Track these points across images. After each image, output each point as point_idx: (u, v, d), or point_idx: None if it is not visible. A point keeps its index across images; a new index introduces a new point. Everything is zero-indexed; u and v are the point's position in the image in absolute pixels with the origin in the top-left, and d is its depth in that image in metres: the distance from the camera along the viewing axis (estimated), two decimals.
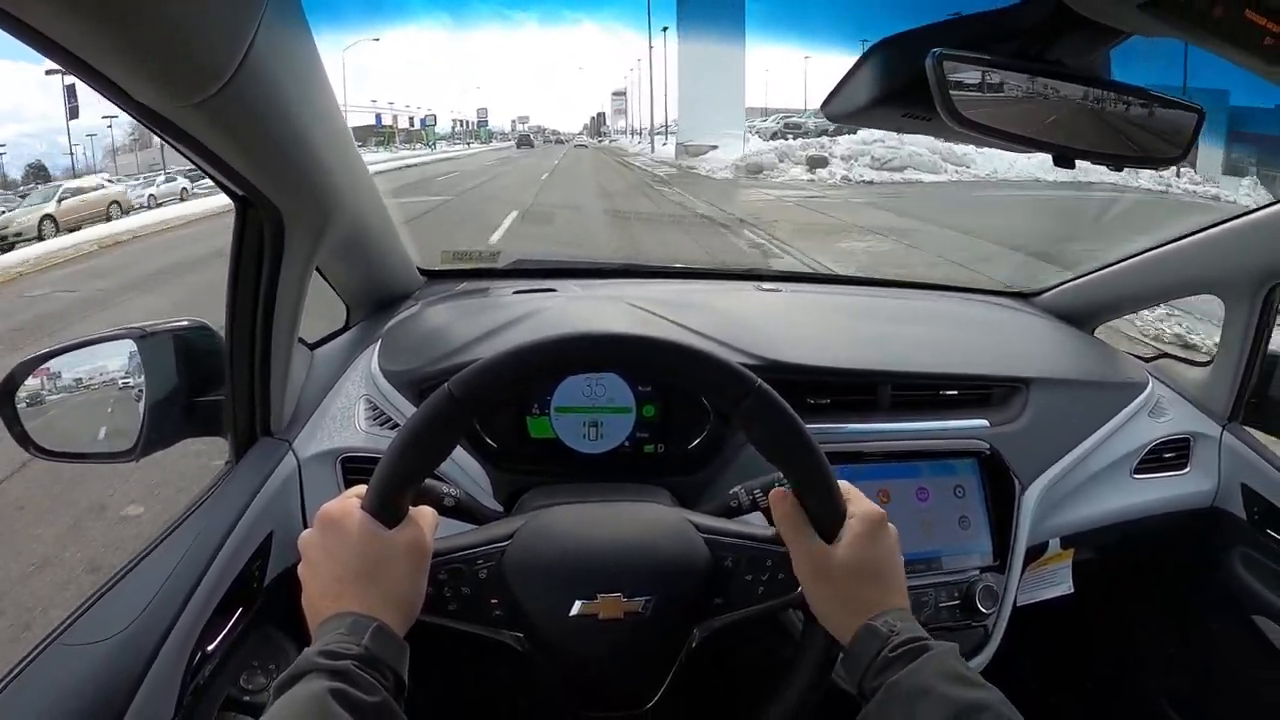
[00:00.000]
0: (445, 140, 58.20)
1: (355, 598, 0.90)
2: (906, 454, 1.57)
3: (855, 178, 23.01)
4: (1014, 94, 0.85)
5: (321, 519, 0.95)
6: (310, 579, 0.94)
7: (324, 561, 0.93)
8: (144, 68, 0.85)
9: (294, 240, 1.28)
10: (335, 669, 0.80)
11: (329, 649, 0.83)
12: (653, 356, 1.02)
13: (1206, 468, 1.84)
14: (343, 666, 0.80)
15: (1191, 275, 1.86)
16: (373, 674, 0.82)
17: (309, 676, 0.80)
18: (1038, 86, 0.86)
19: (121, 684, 1.02)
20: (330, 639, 0.84)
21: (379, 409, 1.52)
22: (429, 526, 0.99)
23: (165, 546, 1.21)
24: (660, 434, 1.55)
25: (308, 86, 1.12)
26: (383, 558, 0.93)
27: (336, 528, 0.94)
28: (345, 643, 0.84)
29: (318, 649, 0.83)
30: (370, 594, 0.90)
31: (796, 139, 27.06)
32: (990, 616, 1.48)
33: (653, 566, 1.04)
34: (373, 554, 0.92)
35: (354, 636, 0.85)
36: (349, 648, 0.83)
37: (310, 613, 0.93)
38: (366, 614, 0.88)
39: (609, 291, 2.00)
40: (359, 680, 0.80)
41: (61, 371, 1.33)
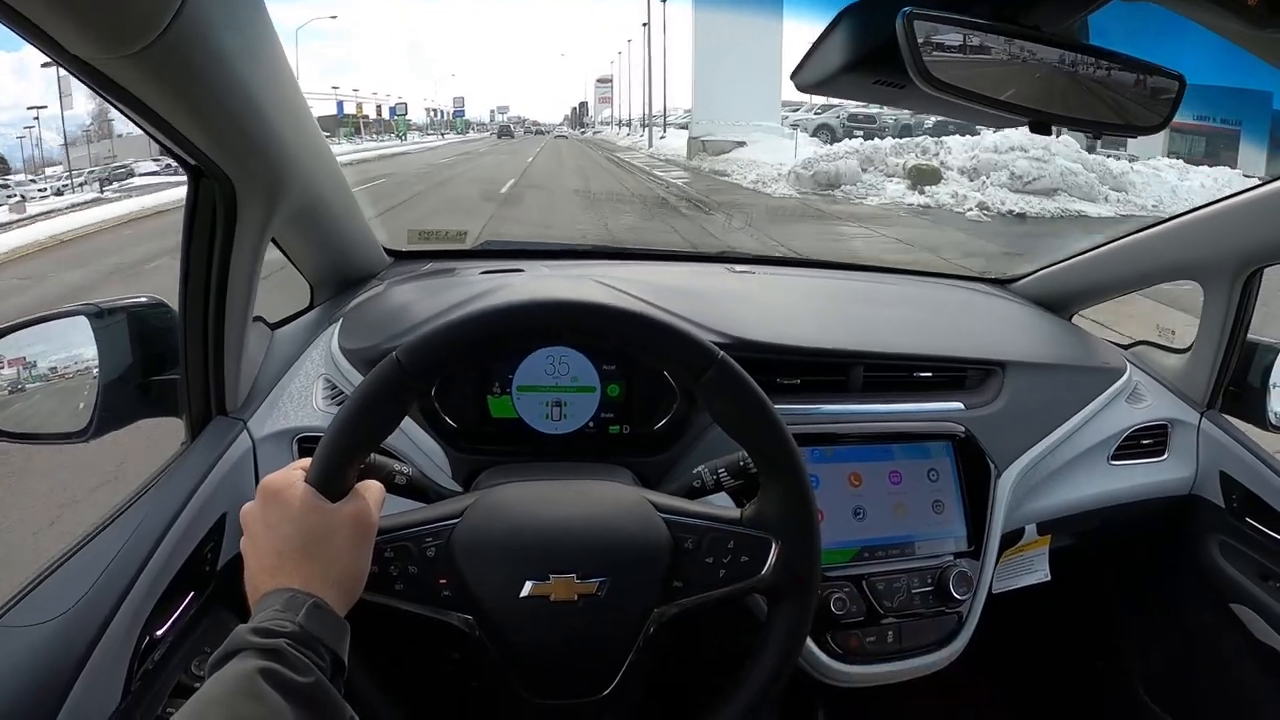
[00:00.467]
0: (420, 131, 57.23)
1: (294, 573, 0.87)
2: (879, 436, 1.54)
3: (996, 205, 15.41)
4: (988, 57, 0.83)
5: (263, 491, 0.93)
6: (251, 552, 0.92)
7: (264, 535, 0.91)
8: (73, 13, 0.81)
9: (246, 211, 1.24)
10: (267, 647, 0.77)
11: (262, 626, 0.80)
12: (610, 325, 0.99)
13: (1185, 455, 1.83)
14: (275, 645, 0.78)
15: (1170, 261, 1.85)
16: (307, 653, 0.79)
17: (240, 655, 0.77)
18: (1014, 49, 0.84)
19: (64, 667, 0.99)
20: (265, 616, 0.82)
21: (337, 387, 1.48)
22: (375, 501, 0.96)
23: (114, 528, 1.18)
24: (625, 414, 1.52)
25: (253, 44, 1.08)
26: (324, 532, 0.90)
27: (278, 500, 0.91)
28: (279, 620, 0.81)
29: (251, 626, 0.81)
30: (310, 569, 0.88)
31: (870, 137, 18.88)
32: (964, 603, 1.45)
33: (608, 547, 1.01)
34: (314, 528, 0.90)
35: (289, 613, 0.82)
36: (283, 625, 0.80)
37: (250, 588, 0.91)
38: (304, 590, 0.85)
39: (578, 271, 1.97)
40: (291, 659, 0.77)
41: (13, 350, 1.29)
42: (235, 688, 0.74)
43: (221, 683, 0.75)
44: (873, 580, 1.43)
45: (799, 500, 1.02)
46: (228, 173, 1.18)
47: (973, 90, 0.83)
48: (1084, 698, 2.16)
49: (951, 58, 0.81)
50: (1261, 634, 1.71)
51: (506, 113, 77.01)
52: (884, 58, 0.84)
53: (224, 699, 0.73)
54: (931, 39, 0.80)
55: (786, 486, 1.02)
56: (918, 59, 0.80)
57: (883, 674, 1.42)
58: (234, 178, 1.20)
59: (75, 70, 0.90)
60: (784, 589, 1.02)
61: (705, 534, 1.03)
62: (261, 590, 0.87)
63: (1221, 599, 1.79)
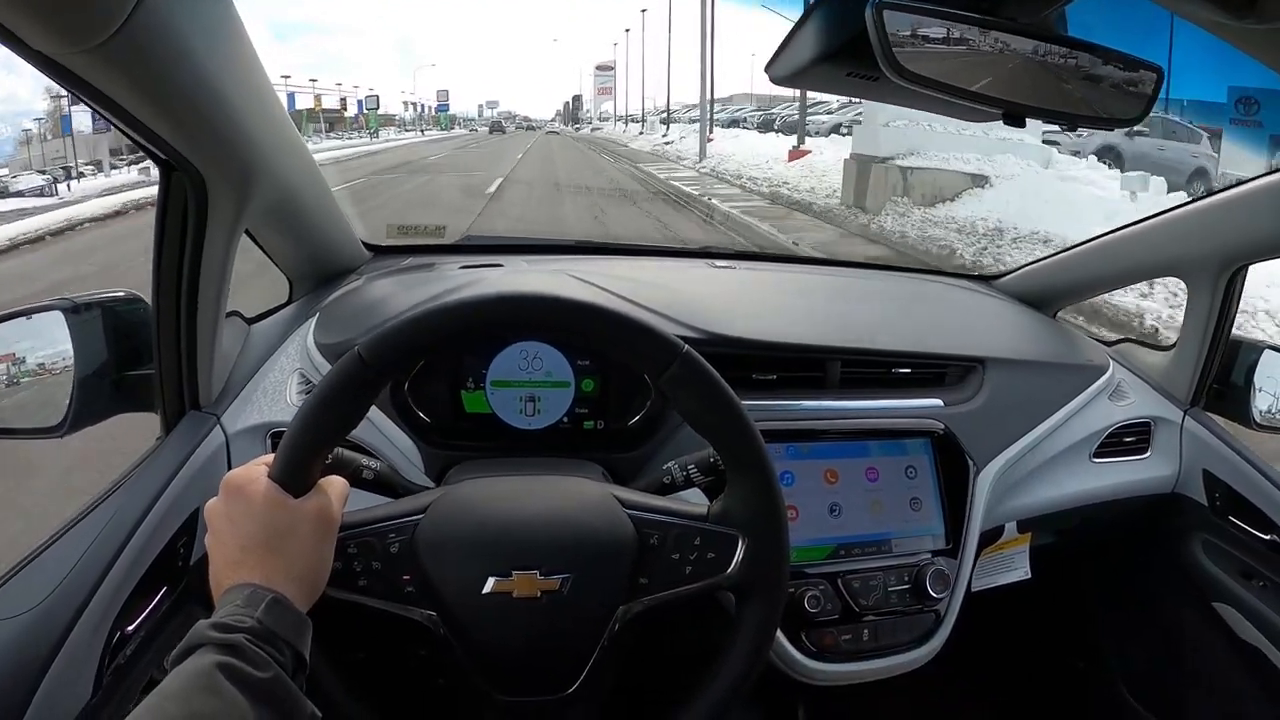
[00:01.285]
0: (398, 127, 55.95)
1: (256, 568, 0.87)
2: (856, 433, 1.53)
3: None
4: (960, 47, 0.82)
5: (226, 485, 0.93)
6: (215, 548, 0.91)
7: (227, 530, 0.90)
8: (30, 7, 0.80)
9: (217, 205, 1.24)
10: (225, 642, 0.77)
11: (222, 621, 0.79)
12: (572, 319, 0.99)
13: (1168, 453, 1.83)
14: (234, 640, 0.77)
15: (1155, 258, 1.85)
16: (266, 649, 0.79)
17: (200, 650, 0.77)
18: (988, 40, 0.83)
19: (33, 662, 0.99)
20: (225, 611, 0.81)
21: (311, 382, 1.47)
22: (338, 496, 0.96)
23: (85, 523, 1.17)
24: (600, 409, 1.51)
25: (218, 34, 1.07)
26: (286, 527, 0.89)
27: (240, 495, 0.91)
28: (239, 615, 0.80)
29: (211, 621, 0.80)
30: (271, 564, 0.87)
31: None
32: (942, 601, 1.45)
33: (572, 543, 1.00)
34: (276, 523, 0.89)
35: (249, 609, 0.81)
36: (242, 620, 0.80)
37: (214, 583, 0.90)
38: (265, 585, 0.85)
39: (558, 266, 1.96)
40: (250, 655, 0.77)
41: None
42: (193, 682, 0.73)
43: (180, 677, 0.74)
44: (848, 578, 1.42)
45: (765, 496, 1.01)
46: (197, 166, 1.17)
47: (945, 82, 0.82)
48: (1065, 696, 2.16)
49: (923, 49, 0.80)
50: (1244, 633, 1.70)
51: (496, 107, 76.97)
52: (856, 50, 0.83)
53: (181, 693, 0.73)
54: (901, 30, 0.79)
55: (753, 482, 1.01)
56: (887, 50, 0.79)
57: (859, 672, 1.42)
58: (203, 171, 1.19)
59: (39, 65, 0.89)
60: (751, 586, 1.01)
61: (671, 530, 1.02)
62: (224, 585, 0.87)
63: (1204, 597, 1.79)
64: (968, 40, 0.82)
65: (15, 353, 1.28)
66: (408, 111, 65.20)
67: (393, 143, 43.30)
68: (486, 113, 75.72)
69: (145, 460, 1.31)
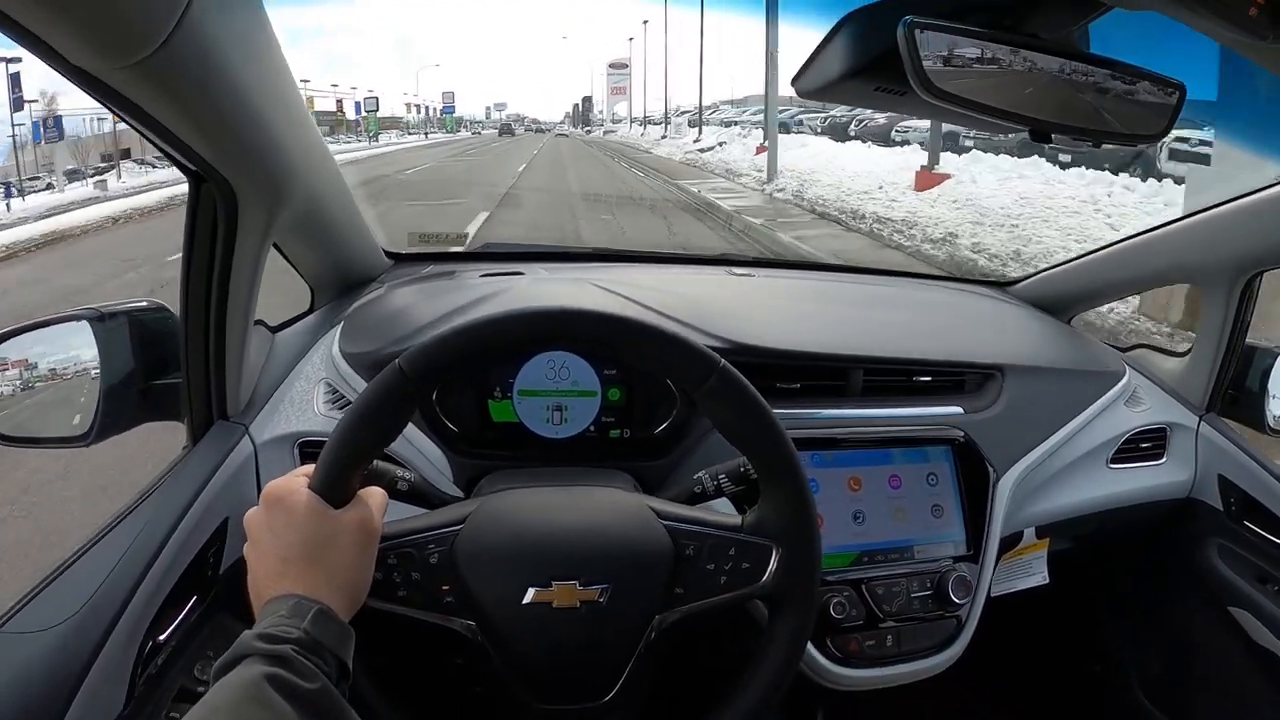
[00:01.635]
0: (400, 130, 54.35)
1: (299, 579, 0.88)
2: (878, 441, 1.54)
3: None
4: (989, 65, 0.83)
5: (267, 497, 0.93)
6: (254, 558, 0.92)
7: (268, 540, 0.91)
8: (75, 26, 0.81)
9: (247, 217, 1.25)
10: (273, 653, 0.78)
11: (268, 632, 0.80)
12: (610, 334, 1.00)
13: (1183, 458, 1.83)
14: (281, 651, 0.78)
15: (1170, 264, 1.85)
16: (313, 659, 0.80)
17: (246, 661, 0.77)
18: (1014, 58, 0.84)
19: (68, 673, 1.00)
20: (270, 622, 0.82)
21: (338, 392, 1.49)
22: (378, 507, 0.97)
23: (116, 533, 1.18)
24: (626, 418, 1.52)
25: (254, 51, 1.08)
26: (328, 538, 0.90)
27: (282, 506, 0.92)
28: (285, 626, 0.81)
29: (257, 632, 0.81)
30: (314, 575, 0.88)
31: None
32: (964, 607, 1.46)
33: (610, 554, 1.02)
34: (318, 534, 0.90)
35: (295, 619, 0.82)
36: (289, 631, 0.81)
37: (254, 594, 0.91)
38: (310, 596, 0.86)
39: (577, 275, 1.97)
40: (298, 666, 0.78)
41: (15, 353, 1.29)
42: (242, 694, 0.74)
43: (228, 689, 0.75)
44: (872, 584, 1.43)
45: (800, 508, 1.02)
46: (228, 178, 1.18)
47: (973, 99, 0.83)
48: (1082, 701, 2.16)
49: (952, 67, 0.81)
50: (1260, 637, 1.71)
51: (504, 109, 76.30)
52: (885, 65, 0.84)
53: (230, 706, 0.74)
54: (932, 48, 0.80)
55: (787, 494, 1.02)
56: (919, 68, 0.80)
57: (882, 678, 1.42)
58: (235, 183, 1.20)
59: (77, 80, 0.90)
60: (784, 596, 1.02)
61: (706, 540, 1.03)
62: (265, 596, 0.88)
63: (1220, 602, 1.79)
64: (996, 58, 0.83)
65: (28, 359, 1.29)
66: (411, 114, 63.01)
67: (389, 147, 41.64)
68: (494, 114, 74.19)
69: (174, 470, 1.32)
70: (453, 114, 65.16)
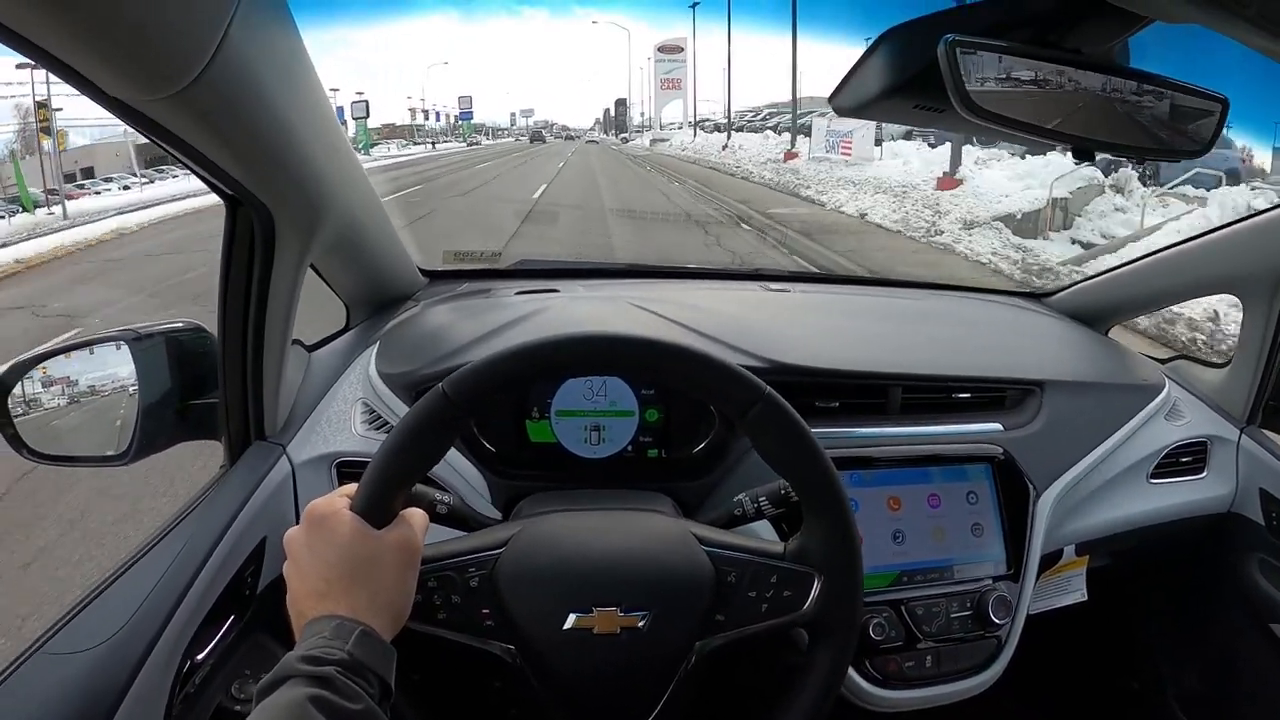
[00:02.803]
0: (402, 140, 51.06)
1: (341, 599, 0.88)
2: (918, 459, 1.52)
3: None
4: (1030, 83, 0.83)
5: (309, 516, 0.94)
6: (295, 578, 0.92)
7: (310, 561, 0.91)
8: (113, 58, 0.82)
9: (284, 240, 1.26)
10: (317, 675, 0.78)
11: (311, 654, 0.81)
12: (656, 360, 1.00)
13: (1224, 472, 1.81)
14: (325, 673, 0.78)
15: (1209, 274, 1.83)
16: (357, 680, 0.80)
17: (290, 682, 0.78)
18: (1055, 75, 0.83)
19: (107, 693, 1.00)
20: (314, 643, 0.82)
21: (375, 412, 1.49)
22: (420, 529, 0.97)
23: (155, 552, 1.19)
24: (663, 439, 1.52)
25: (290, 78, 1.09)
26: (371, 558, 0.91)
27: (324, 526, 0.92)
28: (329, 647, 0.82)
29: (300, 653, 0.81)
30: (357, 596, 0.88)
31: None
32: (1004, 627, 1.44)
33: (652, 580, 1.02)
34: (360, 554, 0.90)
35: (338, 641, 0.83)
36: (332, 652, 0.81)
37: (294, 613, 0.91)
38: (352, 617, 0.86)
39: (612, 292, 1.97)
40: (342, 687, 0.78)
41: (55, 373, 1.31)
42: (286, 715, 0.74)
43: (272, 710, 0.75)
44: (911, 605, 1.42)
45: (843, 537, 1.02)
46: (265, 202, 1.19)
47: (1014, 118, 0.82)
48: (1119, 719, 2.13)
49: (993, 86, 0.81)
50: None
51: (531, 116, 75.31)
52: (923, 82, 0.84)
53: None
54: (973, 67, 0.80)
55: (830, 522, 1.02)
56: (960, 87, 0.79)
57: (921, 699, 1.41)
58: (272, 207, 1.21)
59: (115, 111, 0.91)
60: (826, 624, 1.02)
61: (748, 567, 1.03)
62: (307, 616, 0.88)
63: (1260, 619, 1.76)
64: (1035, 76, 0.83)
65: (69, 376, 1.30)
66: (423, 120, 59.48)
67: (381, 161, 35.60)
68: (520, 121, 72.33)
69: (212, 489, 1.33)
70: (470, 120, 62.80)
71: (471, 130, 62.59)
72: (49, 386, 1.31)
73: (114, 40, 0.79)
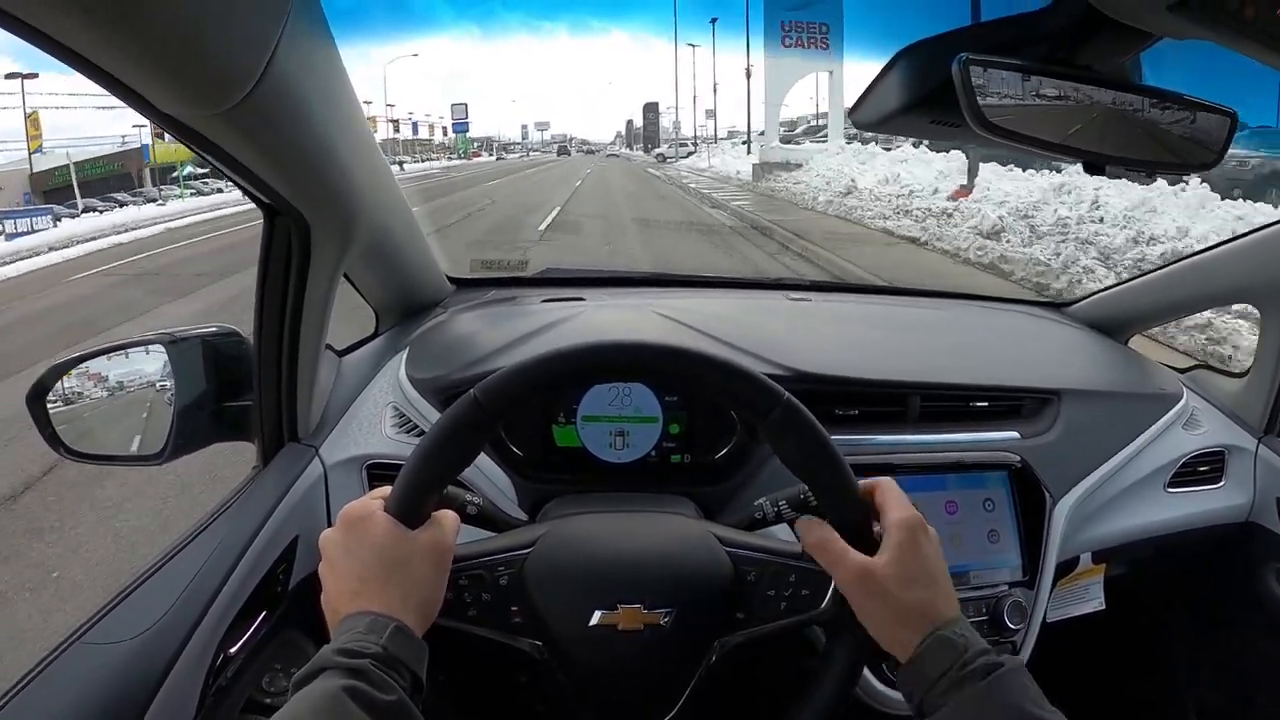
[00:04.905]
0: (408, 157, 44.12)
1: (374, 597, 0.90)
2: (935, 466, 1.54)
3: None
4: (1042, 99, 0.84)
5: (344, 518, 0.96)
6: (330, 578, 0.94)
7: (344, 560, 0.93)
8: (168, 77, 0.86)
9: (321, 248, 1.29)
10: (352, 667, 0.80)
11: (347, 647, 0.83)
12: (679, 366, 1.01)
13: (1242, 482, 1.81)
14: (360, 665, 0.81)
15: (1227, 284, 1.84)
16: (390, 673, 0.82)
17: (326, 674, 0.80)
18: (1067, 91, 0.85)
19: (143, 684, 1.03)
20: (348, 637, 0.85)
21: (405, 416, 1.52)
22: (451, 530, 0.99)
23: (191, 549, 1.22)
24: (687, 444, 1.54)
25: (331, 94, 1.13)
26: (404, 558, 0.93)
27: (358, 527, 0.94)
28: (363, 641, 0.84)
29: (335, 647, 0.84)
30: (390, 593, 0.91)
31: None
32: (1019, 633, 1.46)
33: (674, 578, 1.04)
34: (394, 554, 0.92)
35: (372, 635, 0.85)
36: (367, 646, 0.83)
37: (329, 611, 0.93)
38: (385, 613, 0.88)
39: (637, 301, 2.00)
40: (375, 679, 0.80)
41: (92, 375, 1.34)
42: (322, 705, 0.77)
43: (307, 700, 0.78)
44: None
45: None
46: (303, 213, 1.23)
47: (1027, 134, 0.84)
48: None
49: (1006, 103, 0.83)
50: None
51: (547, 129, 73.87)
52: (940, 98, 0.86)
53: (310, 716, 0.76)
54: (986, 84, 0.82)
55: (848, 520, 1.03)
56: (973, 104, 0.81)
57: None
58: (309, 217, 1.24)
59: (165, 125, 0.94)
60: (843, 621, 1.03)
61: (767, 567, 1.05)
62: (342, 613, 0.90)
63: (1278, 628, 1.77)
64: (1048, 92, 0.85)
65: (81, 371, 1.34)
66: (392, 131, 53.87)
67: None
68: (535, 134, 70.05)
69: (246, 489, 1.37)
70: (465, 132, 57.16)
71: (469, 145, 57.58)
72: (87, 388, 1.34)
73: (170, 59, 0.83)
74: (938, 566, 0.98)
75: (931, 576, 0.96)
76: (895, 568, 0.95)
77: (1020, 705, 0.84)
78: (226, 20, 0.84)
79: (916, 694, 0.91)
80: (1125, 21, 0.81)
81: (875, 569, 0.95)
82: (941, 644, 0.91)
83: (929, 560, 0.97)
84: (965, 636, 0.91)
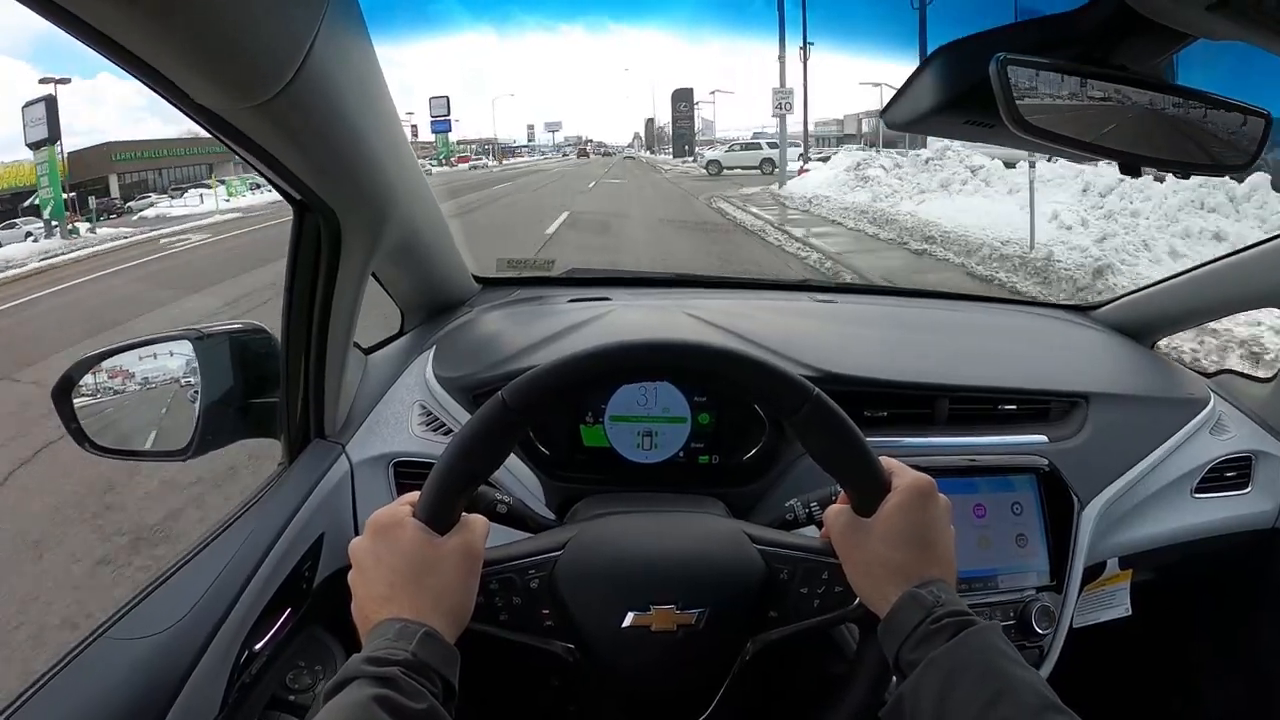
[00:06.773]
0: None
1: (405, 603, 0.90)
2: (963, 469, 1.53)
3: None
4: (1079, 99, 0.84)
5: (373, 526, 0.96)
6: (360, 585, 0.94)
7: (374, 568, 0.93)
8: (205, 69, 0.86)
9: (350, 245, 1.29)
10: (381, 675, 0.80)
11: (376, 655, 0.83)
12: (708, 364, 1.01)
13: (1268, 487, 1.80)
14: (389, 673, 0.80)
15: (1254, 288, 1.83)
16: (420, 680, 0.82)
17: (355, 683, 0.80)
18: (1103, 91, 0.85)
19: (167, 679, 1.04)
20: (378, 645, 0.85)
21: (432, 414, 1.53)
22: (481, 534, 0.99)
23: (217, 545, 1.23)
24: (715, 444, 1.54)
25: (366, 90, 1.13)
26: (434, 564, 0.93)
27: (388, 534, 0.94)
28: (393, 649, 0.84)
29: (365, 655, 0.83)
30: (420, 600, 0.90)
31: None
32: (1046, 637, 1.45)
33: (707, 578, 1.03)
34: (424, 560, 0.92)
35: (402, 642, 0.85)
36: (396, 654, 0.83)
37: (360, 619, 0.93)
38: (415, 620, 0.88)
39: (663, 301, 2.00)
40: (405, 687, 0.80)
41: (119, 370, 1.35)
42: (350, 715, 0.76)
43: (337, 710, 0.77)
44: None
45: None
46: (334, 209, 1.23)
47: (1064, 134, 0.84)
48: None
49: (1042, 101, 0.82)
50: None
51: (558, 130, 72.67)
52: (975, 98, 0.85)
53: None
54: (1024, 84, 0.81)
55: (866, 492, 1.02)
56: (1011, 104, 0.81)
57: None
58: (340, 214, 1.24)
59: (199, 118, 0.95)
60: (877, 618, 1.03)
61: (799, 565, 1.04)
62: (372, 620, 0.90)
63: None
64: (1084, 92, 0.84)
65: (107, 366, 1.34)
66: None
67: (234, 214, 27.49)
68: (544, 136, 68.30)
69: (272, 485, 1.37)
70: (446, 132, 49.77)
71: (449, 148, 50.72)
72: (113, 383, 1.34)
73: (210, 51, 0.83)
74: (937, 531, 0.98)
75: (926, 539, 0.96)
76: (885, 525, 0.96)
77: (989, 659, 0.83)
78: (266, 13, 0.85)
79: (890, 651, 0.92)
80: (1162, 21, 0.80)
81: (864, 523, 0.97)
82: (913, 599, 0.91)
83: (927, 523, 0.97)
84: (939, 595, 0.91)
